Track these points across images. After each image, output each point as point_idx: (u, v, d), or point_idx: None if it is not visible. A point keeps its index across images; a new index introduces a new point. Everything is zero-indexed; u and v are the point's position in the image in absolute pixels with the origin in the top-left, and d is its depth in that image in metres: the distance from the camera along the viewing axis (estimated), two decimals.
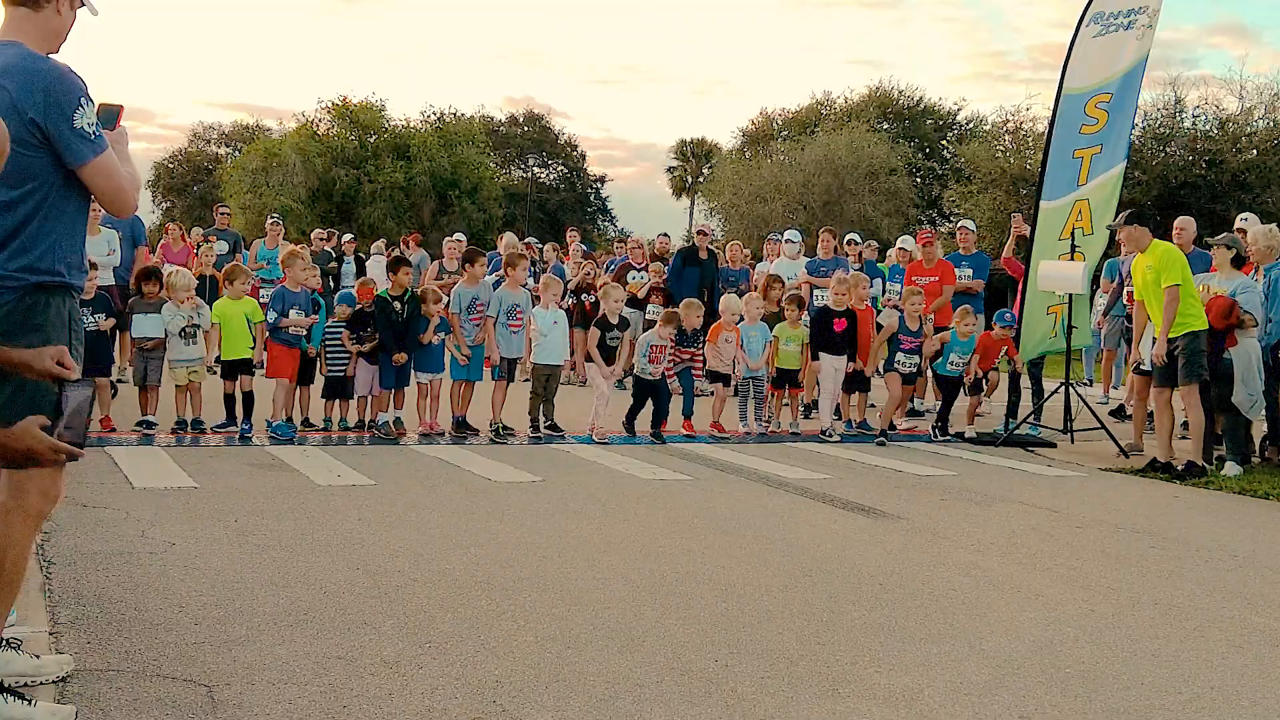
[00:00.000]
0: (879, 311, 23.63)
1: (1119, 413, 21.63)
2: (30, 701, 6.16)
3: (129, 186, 6.94)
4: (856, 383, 21.33)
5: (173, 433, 17.35)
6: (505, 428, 18.48)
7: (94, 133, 6.68)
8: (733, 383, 21.10)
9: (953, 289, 22.62)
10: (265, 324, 18.65)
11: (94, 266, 16.78)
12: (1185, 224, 19.69)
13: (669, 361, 19.79)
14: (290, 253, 19.38)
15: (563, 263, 29.53)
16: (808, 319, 21.50)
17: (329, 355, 19.05)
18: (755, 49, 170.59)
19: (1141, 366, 18.41)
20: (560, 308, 20.60)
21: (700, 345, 20.66)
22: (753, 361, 20.67)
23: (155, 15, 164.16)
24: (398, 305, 18.14)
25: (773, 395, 21.25)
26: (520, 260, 19.49)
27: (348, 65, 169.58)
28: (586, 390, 22.13)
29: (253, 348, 18.31)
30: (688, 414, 20.01)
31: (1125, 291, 20.07)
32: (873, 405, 22.25)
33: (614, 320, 19.24)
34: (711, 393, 21.16)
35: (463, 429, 18.60)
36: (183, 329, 18.01)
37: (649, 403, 19.64)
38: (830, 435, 19.96)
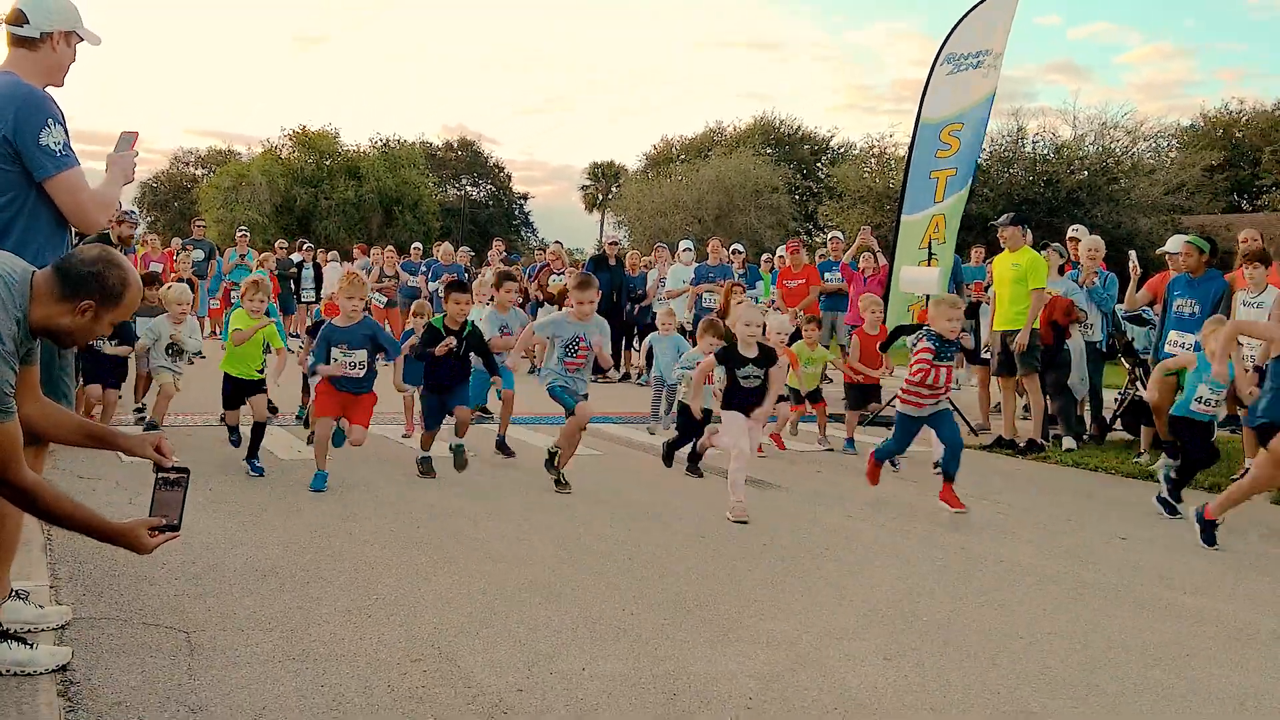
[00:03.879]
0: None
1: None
2: (32, 645, 6.15)
3: (90, 204, 6.88)
4: (870, 397, 17.32)
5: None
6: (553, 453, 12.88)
7: (60, 151, 6.66)
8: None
9: (819, 289, 22.88)
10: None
11: None
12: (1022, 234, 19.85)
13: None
14: (350, 279, 13.07)
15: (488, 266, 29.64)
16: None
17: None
18: (659, 83, 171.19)
19: (981, 356, 18.55)
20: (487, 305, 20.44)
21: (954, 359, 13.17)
22: (664, 372, 17.63)
23: (145, 54, 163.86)
24: (453, 340, 13.13)
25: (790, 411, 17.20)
26: (588, 288, 13.15)
27: (307, 99, 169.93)
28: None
29: (262, 371, 13.85)
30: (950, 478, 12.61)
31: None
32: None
33: (749, 353, 12.10)
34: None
35: (502, 449, 14.85)
36: (168, 346, 15.12)
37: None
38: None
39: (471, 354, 13.76)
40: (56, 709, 5.66)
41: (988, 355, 18.02)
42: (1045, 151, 52.97)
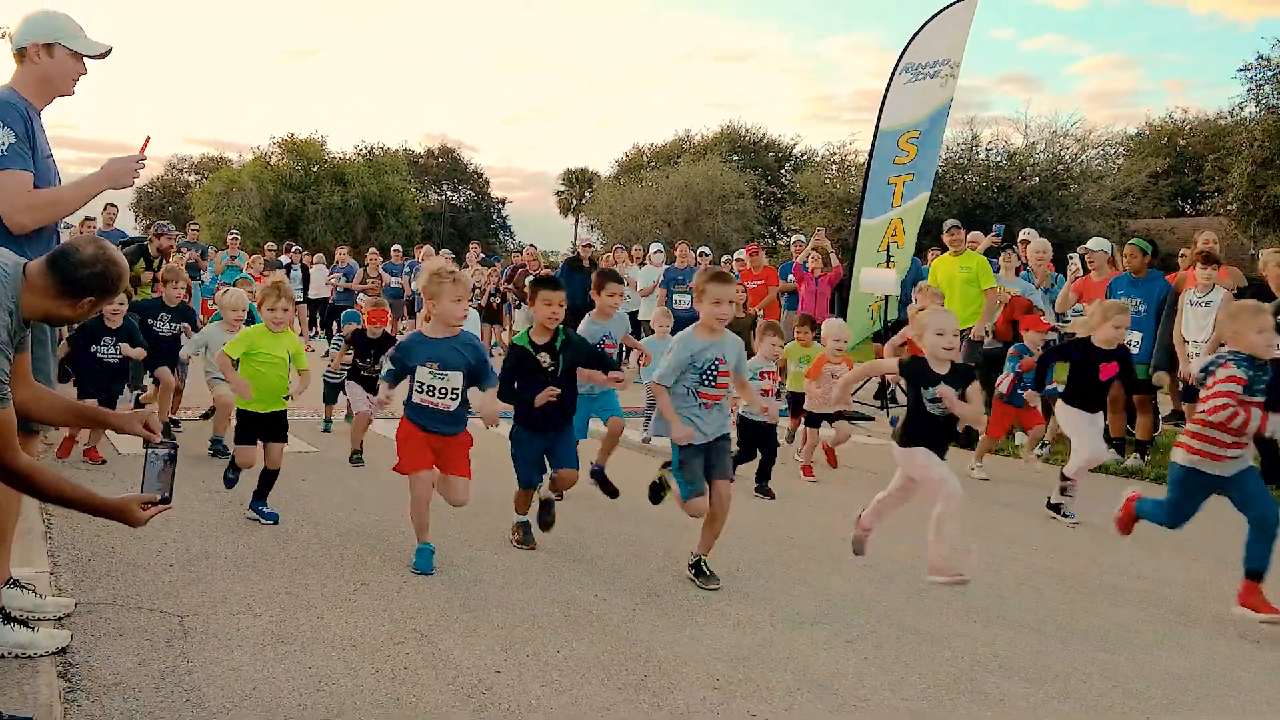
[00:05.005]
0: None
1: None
2: (33, 628, 6.15)
3: (18, 206, 6.66)
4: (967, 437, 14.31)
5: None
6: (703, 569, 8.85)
7: (2, 151, 6.60)
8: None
9: (777, 289, 23.02)
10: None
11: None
12: (976, 238, 19.90)
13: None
14: (436, 274, 9.12)
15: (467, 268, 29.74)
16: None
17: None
18: (631, 94, 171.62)
19: None
20: (471, 306, 20.39)
21: None
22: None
23: (143, 67, 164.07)
24: (545, 358, 9.35)
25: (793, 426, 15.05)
26: (727, 284, 8.91)
27: (295, 108, 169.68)
28: None
29: (288, 397, 10.56)
30: None
31: None
32: None
33: (941, 369, 8.47)
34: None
35: (605, 484, 11.62)
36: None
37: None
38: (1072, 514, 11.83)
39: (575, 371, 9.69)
40: (56, 690, 5.66)
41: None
42: (998, 158, 53.28)
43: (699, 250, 26.95)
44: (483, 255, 32.83)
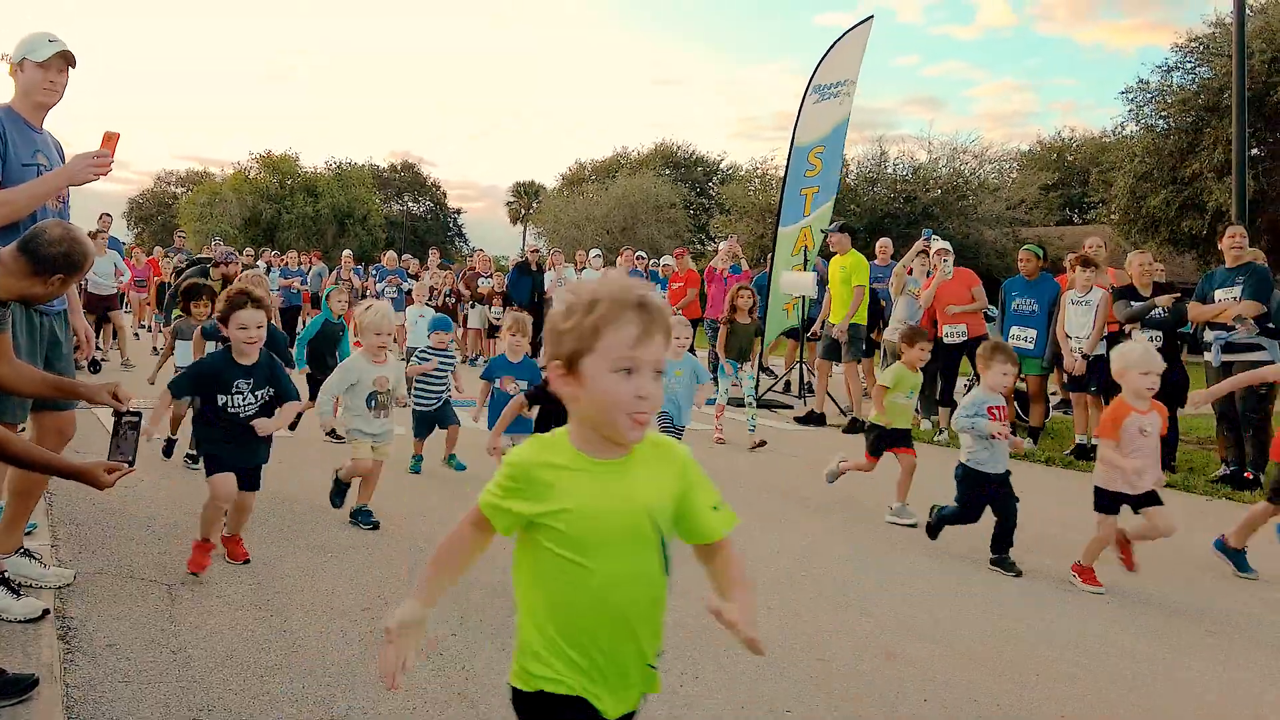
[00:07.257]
0: None
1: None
2: (17, 594, 6.17)
3: None
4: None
5: None
6: None
7: None
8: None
9: (696, 291, 23.27)
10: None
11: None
12: (886, 244, 20.01)
13: None
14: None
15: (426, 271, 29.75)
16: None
17: (419, 384, 11.85)
18: (575, 113, 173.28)
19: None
20: (428, 306, 20.37)
21: None
22: (680, 406, 10.97)
23: (135, 89, 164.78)
24: None
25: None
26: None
27: (272, 126, 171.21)
28: None
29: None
30: None
31: None
32: None
33: None
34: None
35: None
36: (372, 394, 8.97)
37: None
38: None
39: None
40: (56, 651, 5.68)
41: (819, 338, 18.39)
42: (904, 173, 53.86)
43: (635, 254, 27.17)
44: (441, 260, 32.79)
